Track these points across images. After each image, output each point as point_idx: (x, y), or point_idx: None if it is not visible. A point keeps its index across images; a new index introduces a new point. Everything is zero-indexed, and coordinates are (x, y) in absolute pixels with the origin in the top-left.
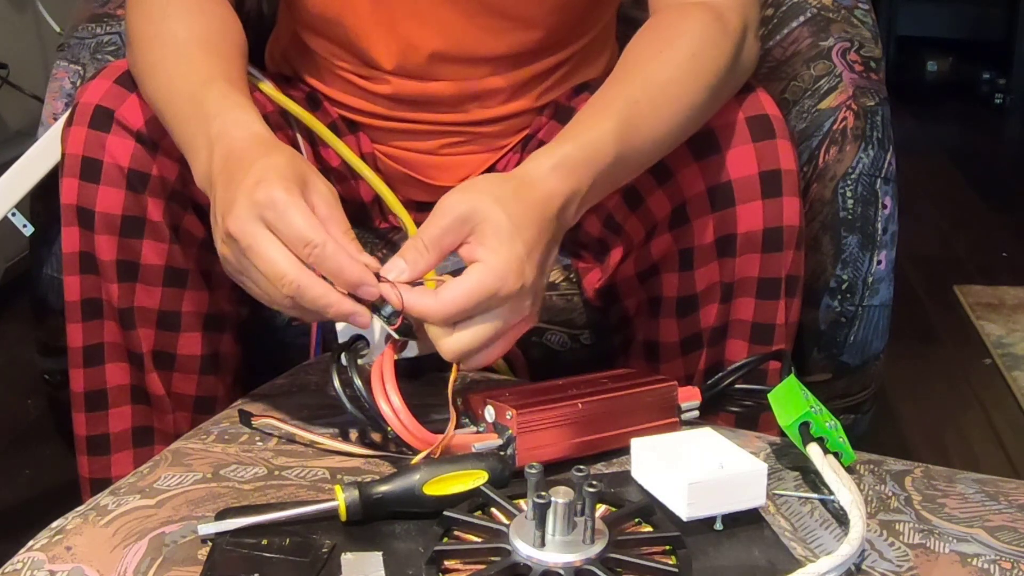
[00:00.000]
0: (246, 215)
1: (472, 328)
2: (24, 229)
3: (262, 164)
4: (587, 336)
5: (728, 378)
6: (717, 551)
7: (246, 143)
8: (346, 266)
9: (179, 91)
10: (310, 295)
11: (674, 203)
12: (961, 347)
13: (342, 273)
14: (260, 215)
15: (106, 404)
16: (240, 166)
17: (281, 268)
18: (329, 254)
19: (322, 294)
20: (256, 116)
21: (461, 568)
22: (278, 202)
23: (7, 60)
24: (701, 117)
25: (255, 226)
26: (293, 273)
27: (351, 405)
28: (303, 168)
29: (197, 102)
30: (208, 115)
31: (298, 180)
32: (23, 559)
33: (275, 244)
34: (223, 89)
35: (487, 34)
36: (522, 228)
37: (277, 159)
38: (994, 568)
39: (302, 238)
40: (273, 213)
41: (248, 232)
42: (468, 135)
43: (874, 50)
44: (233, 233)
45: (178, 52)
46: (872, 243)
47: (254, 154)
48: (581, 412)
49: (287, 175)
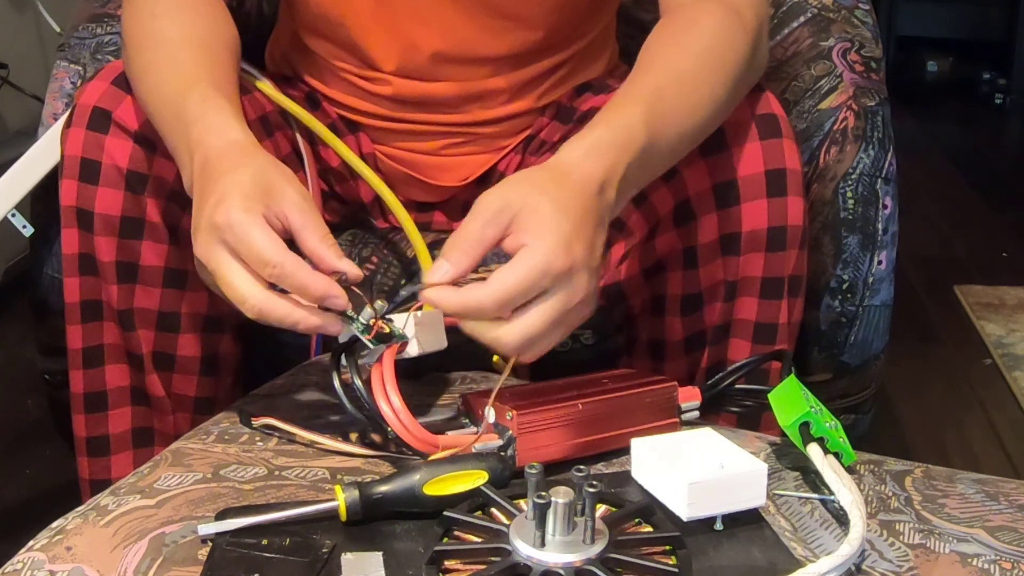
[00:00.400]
0: (207, 239)
1: (529, 313)
2: (24, 230)
3: (225, 181)
4: (588, 336)
5: (728, 378)
6: (717, 551)
7: (220, 151)
8: (309, 282)
9: (165, 95)
10: (274, 316)
11: (677, 199)
12: (961, 347)
13: (306, 290)
14: (221, 239)
15: (106, 405)
16: (209, 179)
17: (242, 293)
18: (289, 272)
19: (287, 314)
20: (235, 120)
21: (461, 568)
22: (235, 224)
23: (7, 60)
24: (722, 110)
25: (217, 251)
26: (254, 297)
27: (351, 405)
28: (270, 179)
29: (179, 107)
30: (189, 119)
31: (261, 195)
32: (23, 559)
33: (236, 268)
34: (204, 92)
35: (488, 34)
36: (564, 209)
37: (241, 175)
38: (994, 568)
39: (260, 259)
40: (232, 236)
41: (211, 257)
42: (469, 136)
43: (874, 50)
44: (199, 257)
45: (167, 53)
46: (872, 243)
47: (224, 166)
48: (581, 413)
49: (248, 192)
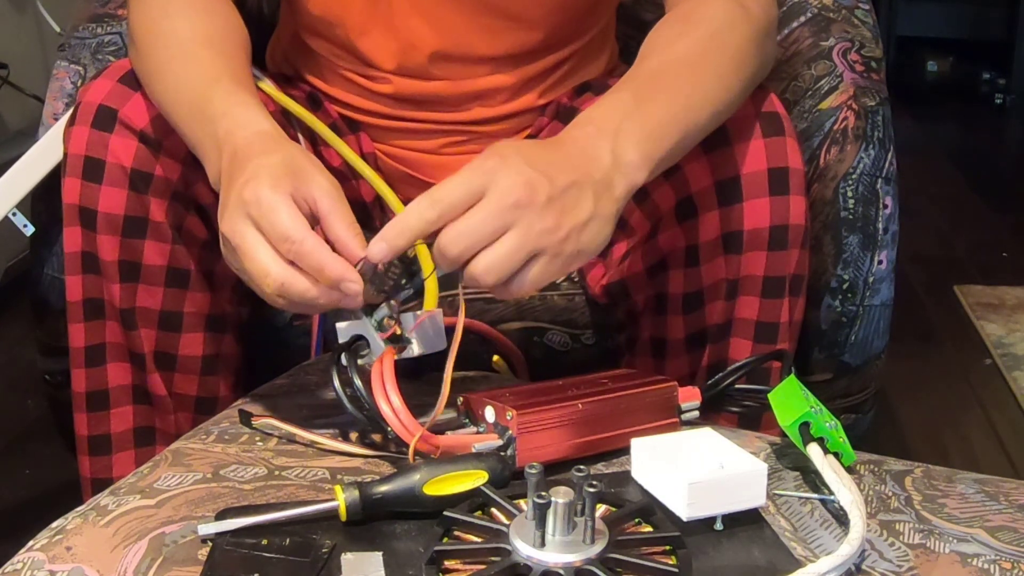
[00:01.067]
0: (234, 214)
1: (496, 247)
2: (25, 229)
3: (255, 163)
4: (588, 336)
5: (728, 378)
6: (717, 551)
7: (249, 141)
8: (326, 263)
9: (186, 92)
10: (295, 291)
11: (679, 196)
12: (961, 347)
13: (322, 270)
14: (247, 213)
15: (108, 404)
16: (240, 166)
17: (264, 266)
18: (308, 250)
19: (306, 288)
20: (262, 113)
21: (461, 568)
22: (262, 199)
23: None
24: (731, 95)
25: (243, 224)
26: (276, 271)
27: (351, 405)
28: (301, 163)
29: (204, 102)
30: (215, 115)
31: (291, 176)
32: (23, 559)
33: (260, 242)
34: (229, 88)
35: (487, 33)
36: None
37: (272, 158)
38: (994, 568)
39: (282, 234)
40: (257, 210)
41: (236, 231)
42: (470, 134)
43: (875, 50)
44: (224, 232)
45: (183, 52)
46: (873, 243)
47: (253, 152)
48: (581, 413)
49: (277, 173)
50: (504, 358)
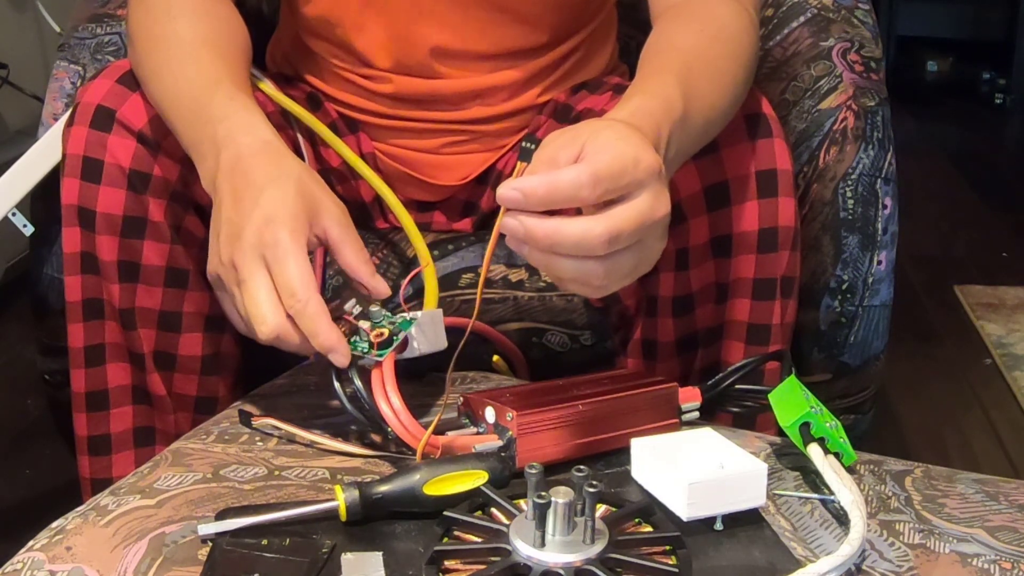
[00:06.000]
0: (250, 252)
1: (619, 208)
2: (24, 229)
3: (270, 196)
4: (587, 337)
5: (728, 379)
6: (717, 551)
7: (253, 150)
8: (321, 331)
9: (185, 93)
10: (285, 343)
11: None
12: (961, 347)
13: (316, 337)
14: (263, 255)
15: (107, 404)
16: (248, 183)
17: (263, 311)
18: (309, 313)
19: (298, 346)
20: (262, 119)
21: (461, 568)
22: (280, 245)
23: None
24: (740, 96)
25: (255, 264)
26: (273, 322)
27: (351, 405)
28: (311, 191)
29: (203, 104)
30: (214, 118)
31: (307, 213)
32: (23, 559)
33: (266, 287)
34: (229, 91)
35: (486, 30)
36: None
37: (285, 189)
38: (994, 568)
39: (289, 288)
40: (273, 255)
41: (247, 269)
42: (470, 134)
43: (874, 50)
44: (235, 263)
45: (184, 53)
46: (872, 243)
47: (261, 173)
48: (581, 413)
49: (295, 211)
50: (504, 358)
